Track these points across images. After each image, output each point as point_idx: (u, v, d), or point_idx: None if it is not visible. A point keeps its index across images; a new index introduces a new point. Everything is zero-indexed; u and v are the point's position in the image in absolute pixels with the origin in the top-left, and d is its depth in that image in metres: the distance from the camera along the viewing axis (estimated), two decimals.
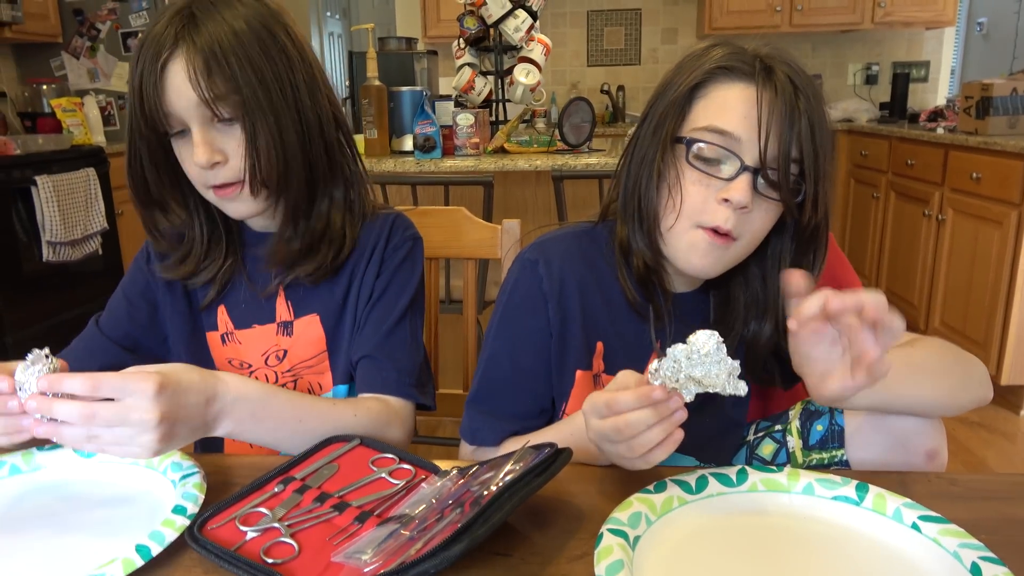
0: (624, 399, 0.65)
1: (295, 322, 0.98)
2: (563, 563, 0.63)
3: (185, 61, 0.81)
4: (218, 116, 0.83)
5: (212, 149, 0.84)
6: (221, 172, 0.86)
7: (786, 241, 0.87)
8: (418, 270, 1.01)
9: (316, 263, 0.95)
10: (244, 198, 0.88)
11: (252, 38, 0.84)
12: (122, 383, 0.66)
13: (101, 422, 0.65)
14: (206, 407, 0.74)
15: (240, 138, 0.85)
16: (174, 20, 0.82)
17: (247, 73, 0.83)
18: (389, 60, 2.89)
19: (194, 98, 0.81)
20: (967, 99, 3.06)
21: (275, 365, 0.99)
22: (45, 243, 3.16)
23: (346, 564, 0.60)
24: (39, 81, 3.91)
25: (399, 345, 0.96)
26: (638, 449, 0.65)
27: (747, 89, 0.79)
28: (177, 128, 0.85)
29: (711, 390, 0.66)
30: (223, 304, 0.99)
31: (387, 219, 1.01)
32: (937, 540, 0.62)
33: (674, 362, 0.65)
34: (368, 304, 0.97)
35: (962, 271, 3.00)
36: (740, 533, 0.66)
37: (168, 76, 0.81)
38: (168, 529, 0.64)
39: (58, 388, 0.65)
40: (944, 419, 0.83)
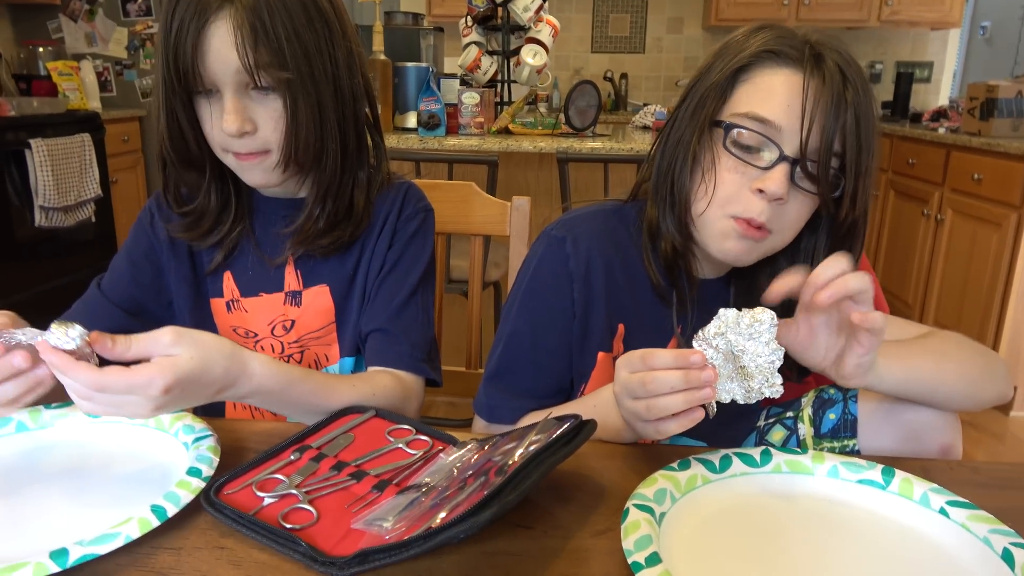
0: (661, 355, 0.65)
1: (304, 292, 0.96)
2: (586, 537, 0.62)
3: (232, 25, 0.77)
4: (258, 85, 0.80)
5: (243, 117, 0.81)
6: (248, 141, 0.83)
7: (820, 237, 0.85)
8: (429, 242, 1.00)
9: (334, 238, 0.93)
10: (265, 168, 0.86)
11: (298, 6, 0.81)
12: (128, 386, 0.62)
13: (99, 401, 0.63)
14: (215, 394, 0.70)
15: (272, 108, 0.82)
16: None
17: (293, 45, 0.80)
18: (395, 35, 2.86)
19: (233, 63, 0.78)
20: (972, 100, 3.06)
21: (281, 335, 0.97)
22: (38, 208, 3.11)
23: (367, 531, 0.59)
24: (35, 43, 3.84)
25: (411, 319, 0.94)
26: (655, 411, 0.65)
27: (793, 76, 0.77)
28: (206, 88, 0.82)
29: (744, 386, 0.66)
30: (229, 270, 0.97)
31: (400, 189, 0.99)
32: (966, 526, 0.61)
33: (722, 323, 0.65)
34: (379, 276, 0.96)
35: (958, 271, 3.01)
36: (764, 514, 0.66)
37: (209, 37, 0.78)
38: (183, 491, 0.62)
39: (67, 373, 0.61)
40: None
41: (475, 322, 1.40)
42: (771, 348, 0.66)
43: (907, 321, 0.89)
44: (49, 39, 3.95)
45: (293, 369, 0.79)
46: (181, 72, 0.80)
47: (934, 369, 0.78)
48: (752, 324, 0.66)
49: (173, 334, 0.66)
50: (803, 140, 0.75)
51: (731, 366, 0.67)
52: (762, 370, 0.67)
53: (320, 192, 0.91)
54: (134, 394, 0.62)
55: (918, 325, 0.88)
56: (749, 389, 0.67)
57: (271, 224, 0.95)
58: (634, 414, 0.68)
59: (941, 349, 0.80)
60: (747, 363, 0.67)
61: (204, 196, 0.93)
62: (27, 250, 3.10)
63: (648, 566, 0.53)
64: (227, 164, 0.88)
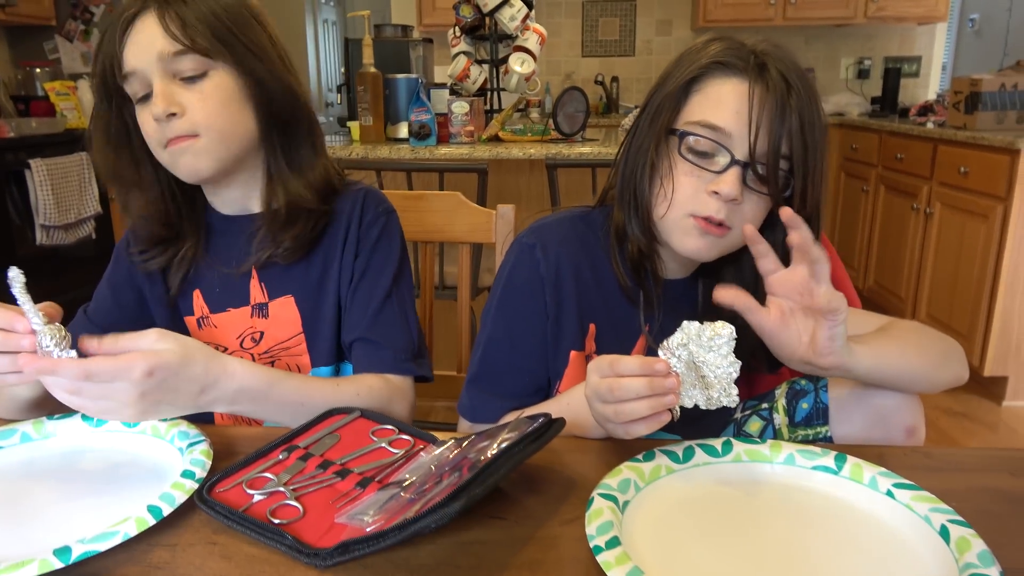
0: (627, 362, 0.69)
1: (270, 304, 0.99)
2: (555, 526, 0.66)
3: (156, 15, 0.85)
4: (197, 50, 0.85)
5: (170, 100, 0.86)
6: (176, 123, 0.87)
7: (778, 234, 0.89)
8: (396, 243, 1.01)
9: (295, 233, 0.95)
10: (196, 152, 0.88)
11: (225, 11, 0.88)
12: (113, 370, 0.68)
13: (87, 394, 0.69)
14: (199, 394, 0.76)
15: (199, 92, 0.87)
16: None
17: (219, 32, 0.87)
18: (385, 47, 2.90)
19: (156, 51, 0.85)
20: (956, 94, 3.10)
21: (251, 347, 1.00)
22: (39, 226, 3.17)
23: (349, 524, 0.63)
24: (32, 64, 3.91)
25: (390, 323, 0.97)
26: (623, 415, 0.69)
27: (740, 85, 0.82)
28: (141, 93, 0.87)
29: (704, 394, 0.71)
30: (198, 288, 1.00)
31: (357, 195, 1.01)
32: (910, 506, 0.65)
33: (684, 335, 0.69)
34: (351, 286, 0.98)
35: (948, 264, 3.05)
36: (725, 501, 0.70)
37: (134, 32, 0.85)
38: (178, 491, 0.66)
39: (52, 373, 0.67)
40: (926, 409, 0.87)
41: (465, 327, 1.44)
42: (728, 361, 0.70)
43: (868, 312, 0.93)
44: (46, 60, 4.01)
45: (273, 370, 0.84)
46: (109, 71, 0.86)
47: (899, 355, 0.83)
48: (712, 337, 0.70)
49: (157, 333, 0.74)
50: (752, 144, 0.80)
51: (693, 374, 0.71)
52: (720, 380, 0.71)
53: (268, 182, 0.96)
54: (119, 379, 0.68)
55: (879, 316, 0.92)
56: (709, 397, 0.72)
57: (229, 238, 0.99)
58: (603, 416, 0.72)
59: (904, 337, 0.86)
60: (707, 373, 0.71)
61: (155, 197, 0.97)
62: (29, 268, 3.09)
63: (608, 549, 0.57)
64: (165, 164, 0.91)
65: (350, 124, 2.84)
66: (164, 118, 0.86)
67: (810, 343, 0.76)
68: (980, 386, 2.91)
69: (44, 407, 0.84)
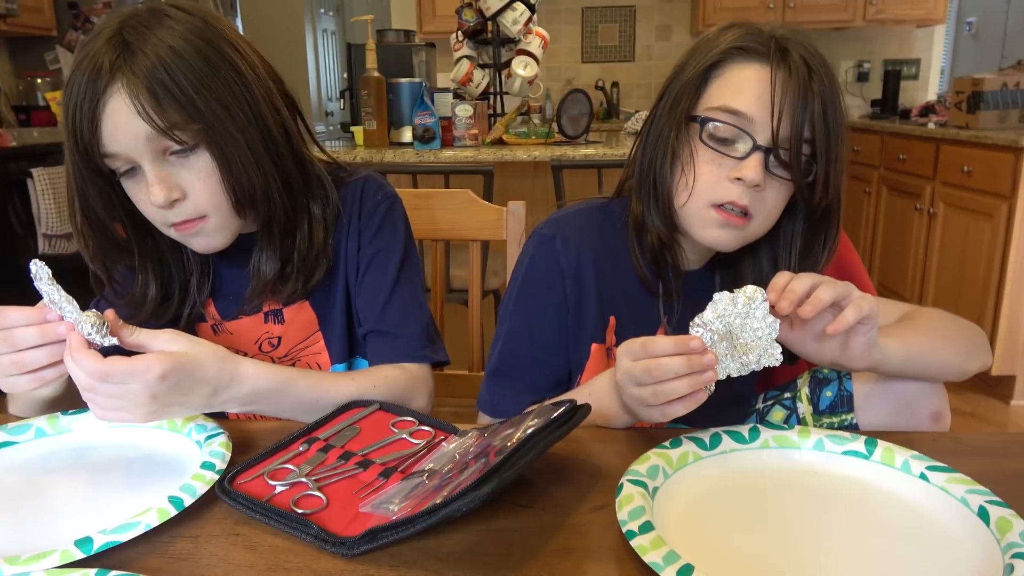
0: (661, 343, 0.68)
1: (284, 309, 0.97)
2: (584, 513, 0.64)
3: (127, 95, 0.74)
4: (178, 143, 0.77)
5: (169, 186, 0.79)
6: (181, 208, 0.81)
7: (798, 222, 0.88)
8: (399, 228, 0.99)
9: (302, 283, 0.92)
10: (208, 232, 0.84)
11: (197, 57, 0.77)
12: (129, 371, 0.68)
13: (100, 392, 0.68)
14: (210, 396, 0.75)
15: (197, 169, 0.80)
16: (106, 49, 0.75)
17: (203, 95, 0.77)
18: (388, 52, 2.90)
19: (141, 132, 0.75)
20: (958, 94, 3.10)
21: (270, 351, 0.99)
22: (41, 235, 3.15)
23: (375, 513, 0.62)
24: (33, 74, 3.90)
25: (400, 312, 0.95)
26: (661, 396, 0.68)
27: (761, 70, 0.81)
28: (125, 167, 0.79)
29: (738, 361, 0.70)
30: (211, 298, 0.98)
31: (356, 186, 0.97)
32: (945, 488, 0.64)
33: (718, 307, 0.69)
34: (358, 278, 0.96)
35: (953, 264, 3.04)
36: (755, 487, 0.68)
37: (108, 113, 0.75)
38: (199, 483, 0.65)
39: (76, 357, 0.67)
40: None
41: (475, 327, 1.43)
42: (768, 321, 0.70)
43: (890, 301, 0.92)
44: (47, 70, 4.00)
45: (287, 368, 0.83)
46: (88, 158, 0.77)
47: (928, 345, 0.82)
48: (748, 303, 0.69)
49: (171, 333, 0.73)
50: (775, 129, 0.79)
51: (726, 344, 0.71)
52: (761, 342, 0.70)
53: (273, 234, 0.89)
54: (134, 379, 0.67)
55: (899, 304, 0.91)
56: (746, 363, 0.71)
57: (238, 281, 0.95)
58: (639, 400, 0.71)
59: (930, 326, 0.85)
60: (747, 339, 0.70)
61: (140, 286, 0.91)
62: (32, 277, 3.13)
63: (641, 533, 0.56)
64: (173, 238, 0.86)
65: (353, 129, 2.84)
66: (166, 206, 0.79)
67: (841, 348, 0.75)
68: (988, 385, 2.90)
69: (59, 405, 0.83)
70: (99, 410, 0.69)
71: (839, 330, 0.71)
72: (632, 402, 0.72)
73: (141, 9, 0.79)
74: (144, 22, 0.77)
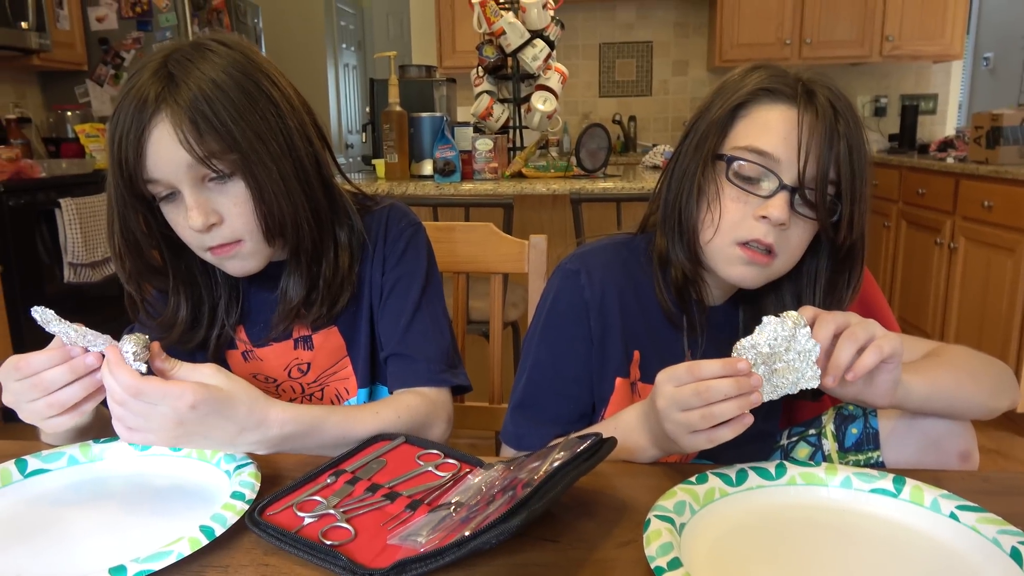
0: (708, 365, 0.69)
1: (313, 336, 0.99)
2: (610, 549, 0.64)
3: (171, 124, 0.78)
4: (215, 171, 0.81)
5: (207, 211, 0.82)
6: (218, 232, 0.84)
7: (822, 260, 0.89)
8: (422, 254, 1.01)
9: (326, 308, 0.95)
10: (243, 256, 0.87)
11: (236, 90, 0.82)
12: (162, 393, 0.69)
13: (130, 408, 0.70)
14: (236, 436, 0.76)
15: (233, 196, 0.84)
16: (152, 81, 0.79)
17: (240, 126, 0.81)
18: (409, 87, 2.96)
19: (183, 160, 0.79)
20: (977, 129, 3.11)
21: (299, 377, 1.00)
22: (67, 264, 3.21)
23: (403, 545, 0.62)
24: (64, 108, 4.01)
25: (421, 335, 0.97)
26: (710, 419, 0.68)
27: (788, 111, 0.82)
28: (165, 192, 0.83)
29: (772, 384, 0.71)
30: (241, 324, 1.00)
31: (381, 215, 1.01)
32: (976, 528, 0.64)
33: (765, 329, 0.69)
34: (381, 302, 0.98)
35: (975, 299, 3.02)
36: (782, 524, 0.68)
37: (152, 142, 0.79)
38: (229, 512, 0.66)
39: (114, 371, 0.69)
40: None
41: (496, 358, 1.44)
42: (810, 345, 0.71)
43: (914, 338, 0.92)
44: (76, 103, 4.11)
45: (313, 409, 0.83)
46: (131, 183, 0.81)
47: (953, 382, 0.82)
48: (794, 326, 0.70)
49: (213, 368, 0.75)
50: (801, 170, 0.80)
51: (765, 368, 0.71)
52: (802, 365, 0.71)
53: (301, 262, 0.92)
54: (166, 403, 0.69)
55: (925, 340, 0.91)
56: (784, 386, 0.72)
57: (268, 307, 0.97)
58: (685, 425, 0.70)
59: (956, 363, 0.85)
60: (789, 360, 0.71)
61: (172, 308, 0.94)
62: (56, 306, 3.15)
63: (670, 570, 0.56)
64: (209, 261, 0.90)
65: (375, 162, 2.88)
66: (203, 231, 0.83)
67: (865, 385, 0.75)
68: (1012, 423, 2.85)
69: (89, 434, 0.85)
70: (125, 429, 0.71)
71: (858, 376, 0.71)
72: (677, 429, 0.71)
73: (185, 43, 0.84)
74: (188, 55, 0.82)
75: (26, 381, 0.72)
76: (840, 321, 0.72)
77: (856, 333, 0.72)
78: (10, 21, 3.37)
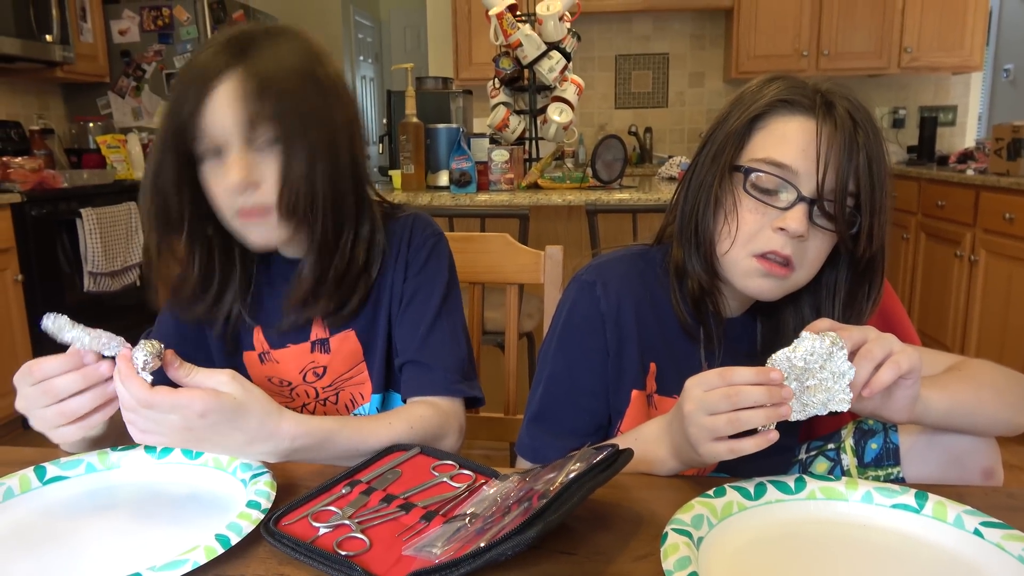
0: (741, 371, 0.68)
1: (331, 339, 0.99)
2: (627, 562, 0.64)
3: (237, 82, 0.83)
4: (263, 136, 0.84)
5: (248, 170, 0.84)
6: (252, 196, 0.86)
7: (841, 272, 0.88)
8: (444, 264, 1.02)
9: (336, 303, 0.95)
10: (269, 224, 0.88)
11: (298, 73, 0.86)
12: (172, 405, 0.71)
13: (141, 415, 0.71)
14: (245, 445, 0.76)
15: (274, 165, 0.86)
16: (225, 48, 0.85)
17: (294, 102, 0.85)
18: (426, 99, 2.97)
19: (239, 118, 0.83)
20: (998, 141, 3.08)
21: (314, 381, 1.01)
22: (87, 273, 3.25)
23: (417, 556, 0.62)
24: (86, 119, 4.06)
25: (439, 344, 0.97)
26: (736, 425, 0.67)
27: (807, 122, 0.81)
28: (212, 153, 0.85)
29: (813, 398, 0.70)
30: (259, 325, 1.00)
31: (406, 222, 1.02)
32: (1000, 545, 0.62)
33: (802, 344, 0.69)
34: (400, 309, 0.98)
35: (996, 312, 2.98)
36: (801, 539, 0.67)
37: (214, 96, 0.83)
38: (244, 522, 0.66)
39: (125, 383, 0.71)
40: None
41: (512, 369, 1.43)
42: (848, 364, 0.70)
43: (936, 352, 0.91)
44: (98, 115, 4.17)
45: (326, 421, 0.83)
46: (179, 130, 0.84)
47: (974, 398, 0.80)
48: (831, 346, 0.69)
49: (230, 375, 0.75)
50: (820, 182, 0.79)
51: (796, 385, 0.71)
52: (834, 386, 0.70)
53: (314, 247, 0.93)
54: (176, 412, 0.70)
55: (947, 355, 0.90)
56: (813, 405, 0.71)
57: (286, 276, 0.98)
58: (710, 430, 0.70)
59: (977, 377, 0.83)
60: (822, 379, 0.70)
61: (183, 268, 0.95)
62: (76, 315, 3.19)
63: None
64: (232, 229, 0.90)
65: (392, 173, 2.89)
66: (240, 190, 0.85)
67: (883, 401, 0.74)
68: None
69: (106, 443, 0.85)
70: (137, 432, 0.73)
71: (874, 392, 0.70)
72: (700, 433, 0.70)
73: (258, 26, 0.89)
74: (259, 34, 0.88)
75: (38, 387, 0.73)
76: (857, 337, 0.72)
77: (873, 351, 0.71)
78: (35, 34, 3.43)
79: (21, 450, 0.87)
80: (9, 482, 0.76)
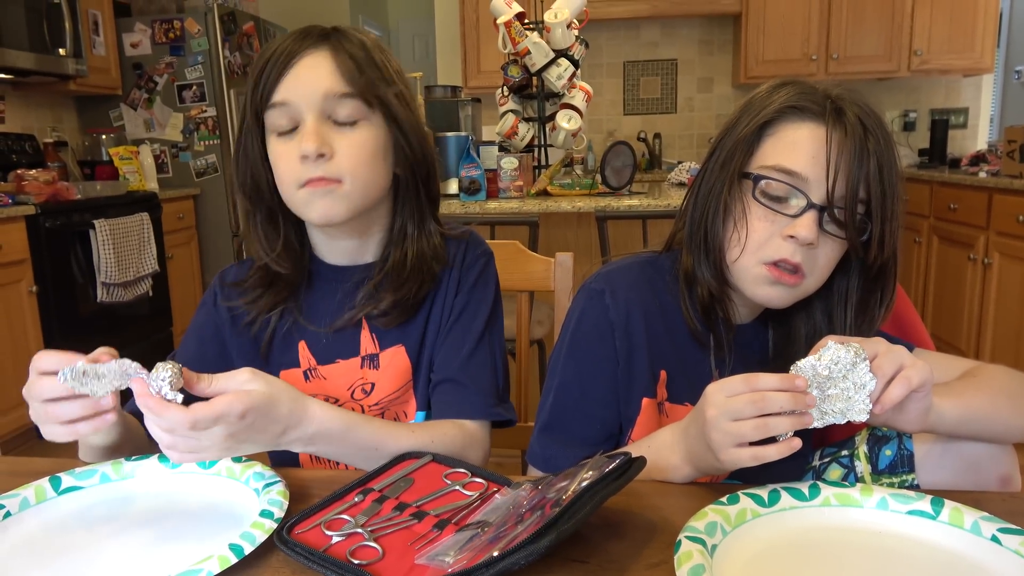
0: (766, 378, 0.68)
1: (380, 354, 0.98)
2: (641, 570, 0.63)
3: (321, 58, 0.86)
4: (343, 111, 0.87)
5: (322, 140, 0.85)
6: (323, 165, 0.86)
7: (853, 278, 0.87)
8: (492, 286, 1.02)
9: (401, 295, 0.95)
10: (336, 197, 0.88)
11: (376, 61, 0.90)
12: (214, 417, 0.69)
13: (181, 437, 0.69)
14: (280, 435, 0.76)
15: (350, 139, 0.87)
16: (307, 32, 0.89)
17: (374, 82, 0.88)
18: (435, 107, 2.99)
19: (321, 89, 0.86)
20: (1010, 143, 3.06)
21: (362, 399, 0.98)
22: (100, 284, 3.27)
23: (430, 565, 0.62)
24: (99, 131, 4.10)
25: (480, 366, 0.96)
26: (763, 431, 0.67)
27: (816, 129, 0.81)
28: (285, 127, 0.87)
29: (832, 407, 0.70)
30: (304, 340, 0.98)
31: (462, 239, 1.03)
32: (1019, 552, 0.62)
33: (827, 353, 0.69)
34: (447, 324, 0.98)
35: (1012, 315, 2.96)
36: (816, 546, 0.67)
37: (301, 65, 0.86)
38: (258, 531, 0.66)
39: (160, 414, 0.68)
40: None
41: (522, 377, 1.43)
42: (870, 377, 0.70)
43: (949, 357, 0.90)
44: (111, 127, 4.21)
45: (352, 414, 0.84)
46: (260, 99, 0.87)
47: (989, 405, 0.79)
48: (855, 356, 0.69)
49: (249, 372, 0.74)
50: (830, 189, 0.79)
51: (817, 393, 0.70)
52: (854, 396, 0.70)
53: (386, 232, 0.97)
54: (220, 422, 0.69)
55: (962, 360, 0.89)
56: (831, 414, 0.71)
57: (332, 287, 0.98)
58: (735, 436, 0.69)
59: (992, 384, 0.82)
60: (843, 388, 0.70)
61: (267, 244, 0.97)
62: (89, 325, 3.25)
63: None
64: (295, 203, 0.90)
65: None
66: (313, 157, 0.85)
67: (895, 411, 0.73)
68: None
69: (121, 452, 0.85)
70: (177, 454, 0.70)
71: (885, 409, 0.70)
72: (723, 440, 0.70)
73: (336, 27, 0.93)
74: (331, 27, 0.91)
75: (38, 380, 0.72)
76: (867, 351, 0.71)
77: (883, 365, 0.70)
78: (49, 48, 3.47)
79: (36, 460, 0.88)
80: (25, 492, 0.76)
